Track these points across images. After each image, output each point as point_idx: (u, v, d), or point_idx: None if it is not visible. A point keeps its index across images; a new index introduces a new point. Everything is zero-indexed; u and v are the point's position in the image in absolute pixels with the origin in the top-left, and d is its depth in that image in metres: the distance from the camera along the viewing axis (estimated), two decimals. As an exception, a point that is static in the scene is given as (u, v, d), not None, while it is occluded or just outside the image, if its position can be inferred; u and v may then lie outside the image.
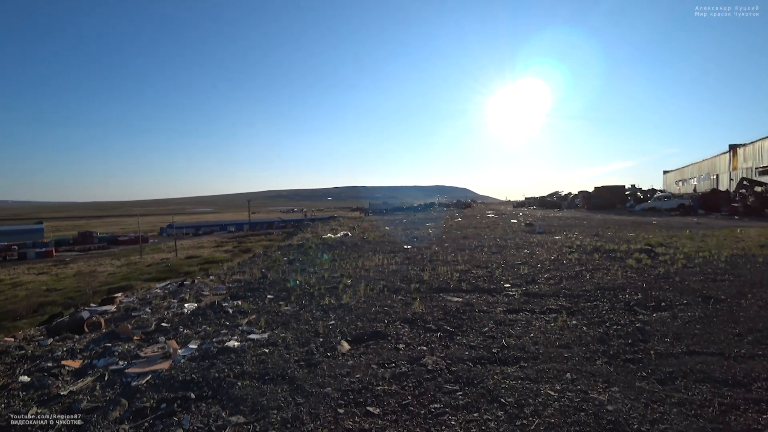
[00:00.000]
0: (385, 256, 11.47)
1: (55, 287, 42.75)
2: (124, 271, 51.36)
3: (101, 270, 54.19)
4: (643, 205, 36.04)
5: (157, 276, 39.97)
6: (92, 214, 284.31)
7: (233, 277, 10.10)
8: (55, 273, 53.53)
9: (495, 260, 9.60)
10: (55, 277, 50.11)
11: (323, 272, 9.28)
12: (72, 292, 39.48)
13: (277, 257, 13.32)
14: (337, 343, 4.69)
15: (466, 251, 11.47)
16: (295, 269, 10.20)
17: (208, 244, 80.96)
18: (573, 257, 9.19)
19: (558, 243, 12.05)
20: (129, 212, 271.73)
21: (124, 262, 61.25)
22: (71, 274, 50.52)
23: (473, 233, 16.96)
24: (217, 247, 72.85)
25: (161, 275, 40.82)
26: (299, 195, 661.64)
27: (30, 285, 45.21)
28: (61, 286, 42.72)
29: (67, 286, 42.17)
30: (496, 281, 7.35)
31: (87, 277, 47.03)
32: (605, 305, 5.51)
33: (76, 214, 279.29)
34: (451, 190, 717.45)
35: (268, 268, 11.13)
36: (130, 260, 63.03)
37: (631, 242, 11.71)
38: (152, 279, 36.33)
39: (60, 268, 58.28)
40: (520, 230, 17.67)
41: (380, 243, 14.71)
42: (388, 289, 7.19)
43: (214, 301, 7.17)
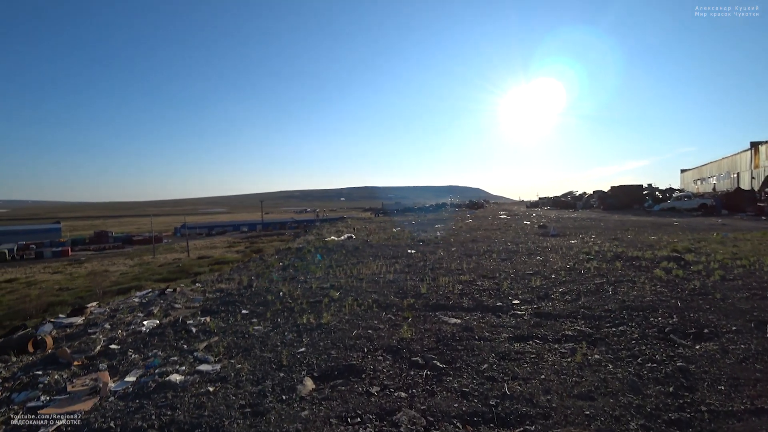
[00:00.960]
0: (385, 262, 10.55)
1: (67, 286, 42.76)
2: (136, 271, 51.32)
3: (114, 269, 54.27)
4: (662, 205, 34.46)
5: (167, 276, 39.67)
6: (109, 214, 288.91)
7: (218, 285, 9.27)
8: (69, 272, 53.77)
9: (504, 269, 8.59)
10: (68, 276, 50.28)
11: (312, 282, 8.39)
12: (83, 291, 39.35)
13: (273, 262, 12.49)
14: (299, 381, 3.78)
15: (473, 257, 10.46)
16: (285, 277, 9.34)
17: (221, 245, 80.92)
18: (591, 266, 8.12)
19: (574, 248, 10.96)
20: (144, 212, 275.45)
21: (137, 261, 61.38)
22: (84, 274, 50.66)
23: (483, 236, 15.93)
24: (229, 248, 72.75)
25: (172, 276, 40.53)
26: (312, 195, 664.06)
27: (44, 284, 45.38)
28: (74, 286, 42.71)
29: (79, 286, 42.13)
30: (503, 296, 6.35)
31: (98, 277, 47.07)
32: (634, 332, 4.49)
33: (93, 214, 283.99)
34: (464, 190, 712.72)
35: (258, 274, 10.30)
36: (143, 260, 63.18)
37: (655, 247, 10.57)
38: (162, 279, 35.99)
39: (74, 267, 58.60)
40: (532, 233, 16.57)
41: (383, 247, 13.78)
42: (379, 304, 6.25)
43: (179, 318, 6.31)
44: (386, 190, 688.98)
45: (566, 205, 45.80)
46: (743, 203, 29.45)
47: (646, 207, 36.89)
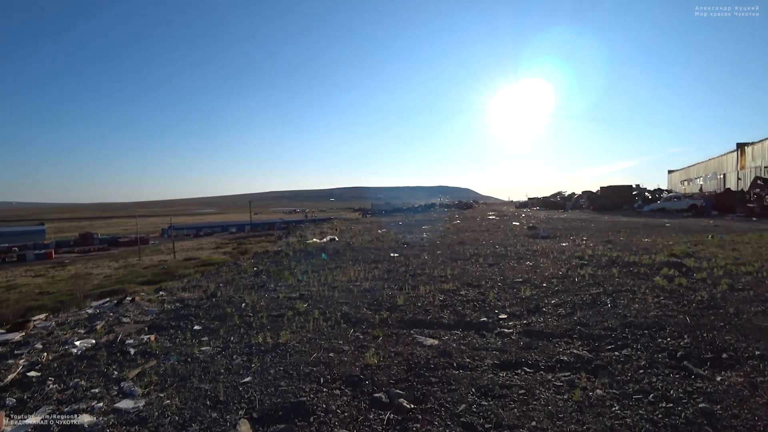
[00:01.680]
0: (364, 267, 9.81)
1: (48, 290, 41.34)
2: (120, 274, 49.94)
3: (98, 272, 52.81)
4: (652, 206, 34.19)
5: (152, 279, 38.51)
6: (96, 215, 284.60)
7: (180, 294, 8.43)
8: (52, 275, 52.19)
9: (490, 275, 7.89)
10: (50, 279, 48.75)
11: (282, 291, 7.62)
12: (63, 295, 38.02)
13: (246, 267, 11.68)
14: (232, 425, 3.04)
15: (459, 262, 9.75)
16: (255, 285, 8.56)
17: (208, 246, 79.53)
18: (586, 273, 7.44)
19: (566, 252, 10.31)
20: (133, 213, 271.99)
21: (122, 264, 59.90)
22: (67, 277, 49.23)
23: (470, 238, 15.26)
24: (216, 249, 71.46)
25: (156, 278, 39.36)
26: (302, 196, 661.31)
27: (24, 288, 43.94)
28: (55, 290, 41.30)
29: (61, 290, 40.73)
30: (488, 309, 5.64)
31: (80, 280, 45.72)
32: (641, 357, 3.79)
33: (79, 215, 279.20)
34: (454, 190, 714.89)
35: (227, 281, 9.49)
36: (128, 262, 61.67)
37: (651, 251, 9.95)
38: (146, 282, 34.87)
39: (57, 270, 56.98)
40: (522, 234, 15.95)
41: (365, 250, 13.03)
42: (348, 319, 5.51)
43: (117, 336, 5.51)
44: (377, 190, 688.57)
45: (556, 206, 45.43)
46: (733, 204, 29.23)
47: (636, 207, 36.61)
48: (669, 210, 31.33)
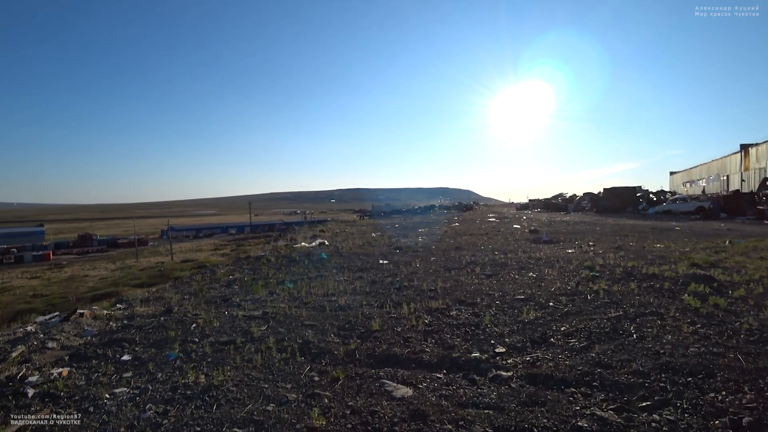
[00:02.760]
0: (348, 276, 8.75)
1: (42, 293, 40.48)
2: (116, 276, 49.09)
3: (94, 274, 51.95)
4: (657, 208, 33.05)
5: (147, 281, 37.63)
6: (96, 216, 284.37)
7: (136, 309, 7.34)
8: (48, 277, 51.38)
9: (488, 290, 6.78)
10: (46, 281, 47.92)
11: (245, 307, 6.55)
12: (56, 298, 37.14)
13: (220, 275, 10.59)
14: None
15: (453, 271, 8.65)
16: (219, 298, 7.49)
17: (207, 247, 78.63)
18: (599, 288, 6.34)
19: (573, 260, 9.19)
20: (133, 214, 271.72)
21: (119, 265, 59.02)
22: (63, 279, 48.29)
23: (468, 242, 14.18)
24: (214, 250, 70.54)
25: (151, 280, 38.51)
26: (303, 197, 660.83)
27: (18, 290, 43.00)
28: (48, 292, 40.44)
29: (54, 292, 39.87)
30: (482, 338, 4.55)
31: (73, 282, 44.77)
32: (692, 423, 2.72)
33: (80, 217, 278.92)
34: (454, 191, 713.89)
35: (195, 292, 8.44)
36: (125, 264, 60.81)
37: (668, 260, 8.85)
38: (141, 285, 33.96)
39: (54, 272, 56.14)
40: (523, 239, 14.86)
41: (353, 256, 11.95)
42: (308, 350, 4.44)
43: (21, 372, 4.44)
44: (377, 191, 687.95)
45: (557, 208, 44.24)
46: (742, 206, 28.10)
47: (641, 210, 35.46)
48: (675, 212, 30.21)
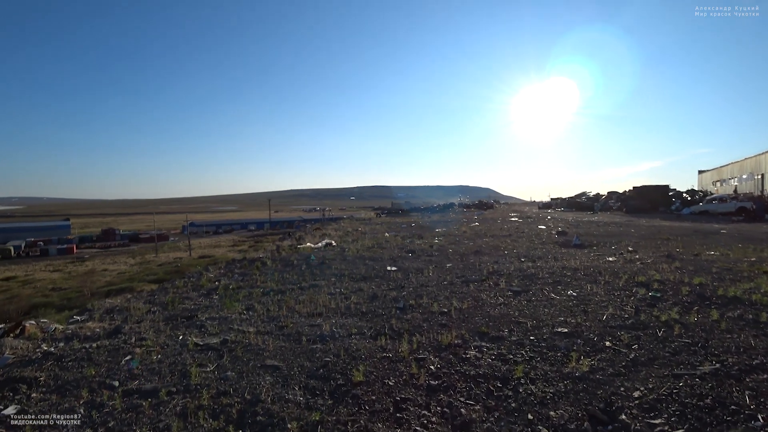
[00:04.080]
0: (345, 287, 7.71)
1: (61, 286, 41.05)
2: (134, 271, 49.56)
3: (113, 268, 52.61)
4: (692, 209, 31.17)
5: (162, 277, 37.65)
6: (121, 211, 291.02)
7: (83, 326, 6.27)
8: (69, 271, 52.27)
9: (517, 315, 5.57)
10: (67, 275, 48.72)
11: (200, 334, 5.30)
12: (73, 292, 37.53)
13: (204, 282, 9.56)
14: None
15: (472, 285, 7.53)
16: (183, 315, 6.39)
17: (225, 243, 79.15)
18: (669, 317, 5.06)
19: (619, 272, 7.89)
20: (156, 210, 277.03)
21: (138, 260, 59.75)
22: (83, 273, 48.92)
23: (489, 245, 13.07)
24: (232, 246, 70.85)
25: (167, 276, 38.47)
26: (323, 194, 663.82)
27: (39, 283, 43.69)
28: (67, 285, 40.99)
29: (72, 286, 40.37)
30: (514, 406, 3.23)
31: (91, 277, 45.21)
32: None
33: (105, 211, 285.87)
34: (475, 190, 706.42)
35: (166, 304, 7.43)
36: (144, 259, 61.55)
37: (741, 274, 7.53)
38: (157, 280, 33.89)
39: (76, 265, 57.18)
40: (551, 241, 13.68)
41: (358, 260, 10.93)
42: (250, 418, 3.18)
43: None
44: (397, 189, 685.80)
45: (582, 207, 42.46)
46: (787, 207, 26.11)
47: (674, 210, 33.56)
48: (713, 213, 28.36)
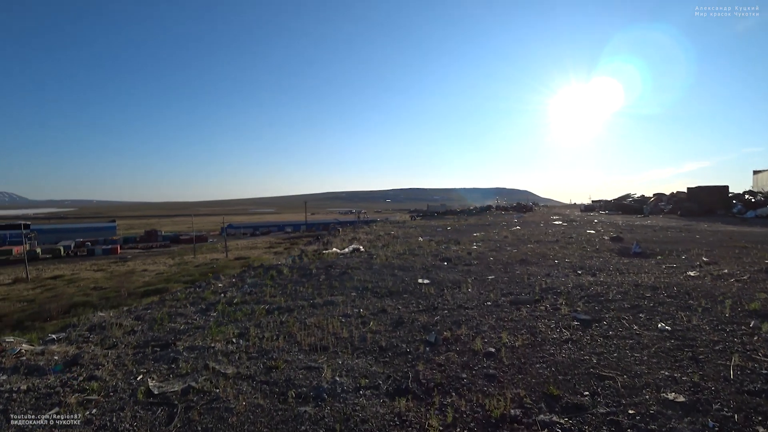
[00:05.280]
0: (365, 306, 6.61)
1: (102, 285, 42.10)
2: (171, 272, 50.37)
3: (152, 269, 53.76)
4: (759, 211, 28.18)
5: (198, 278, 37.86)
6: (164, 213, 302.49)
7: (53, 348, 5.42)
8: (111, 270, 53.85)
9: (594, 363, 3.99)
10: (109, 274, 50.15)
11: (166, 372, 4.25)
12: (112, 292, 38.27)
13: (207, 295, 8.62)
14: None
15: (524, 309, 5.94)
16: (165, 339, 5.46)
17: (262, 245, 79.93)
18: None
19: (712, 292, 6.23)
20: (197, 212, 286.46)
21: (177, 261, 60.98)
22: (124, 272, 50.32)
23: (536, 253, 11.64)
24: (269, 248, 71.34)
25: (202, 278, 38.65)
26: (358, 197, 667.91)
27: (83, 282, 45.08)
28: (107, 285, 41.97)
29: (112, 286, 41.27)
30: None
31: (132, 277, 46.33)
32: None
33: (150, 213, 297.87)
34: (511, 192, 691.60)
35: (155, 321, 6.54)
36: (183, 259, 62.81)
37: None
38: (191, 281, 34.01)
39: (119, 265, 58.96)
40: (605, 248, 12.08)
41: (386, 270, 9.75)
42: None
43: None
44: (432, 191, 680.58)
45: (629, 210, 39.53)
46: None
47: (736, 212, 30.56)
48: (785, 216, 25.47)
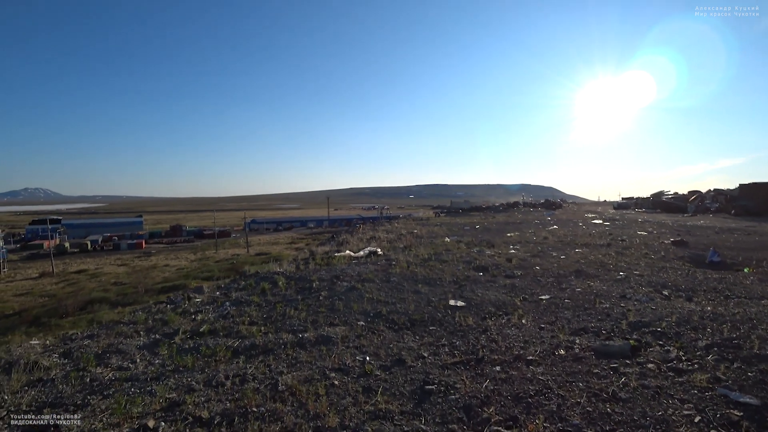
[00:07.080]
0: (373, 349, 4.47)
1: (122, 281, 41.63)
2: (192, 267, 49.74)
3: (174, 264, 53.35)
4: (826, 211, 25.14)
5: (217, 274, 36.94)
6: (191, 208, 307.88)
7: None
8: (134, 265, 53.66)
9: None
10: (131, 269, 49.86)
11: None
12: (130, 287, 37.62)
13: (170, 318, 6.95)
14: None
15: (628, 370, 3.73)
16: (45, 407, 3.84)
17: (284, 240, 79.17)
18: None
19: None
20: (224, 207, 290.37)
21: (198, 256, 60.56)
22: (146, 267, 49.97)
23: (589, 260, 9.59)
24: (290, 244, 70.43)
25: (222, 273, 37.78)
26: (382, 192, 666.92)
27: (104, 277, 44.83)
28: (128, 280, 41.47)
29: (132, 281, 40.74)
30: None
31: (152, 272, 45.82)
32: None
33: (176, 208, 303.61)
34: (536, 188, 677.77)
35: (151, 345, 4.97)
36: (204, 255, 62.37)
37: None
38: (209, 278, 33.02)
39: (142, 260, 58.89)
40: (672, 255, 9.95)
41: (407, 283, 7.81)
42: None
43: None
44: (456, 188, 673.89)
45: (671, 208, 36.45)
46: None
47: (798, 212, 27.46)
48: None
